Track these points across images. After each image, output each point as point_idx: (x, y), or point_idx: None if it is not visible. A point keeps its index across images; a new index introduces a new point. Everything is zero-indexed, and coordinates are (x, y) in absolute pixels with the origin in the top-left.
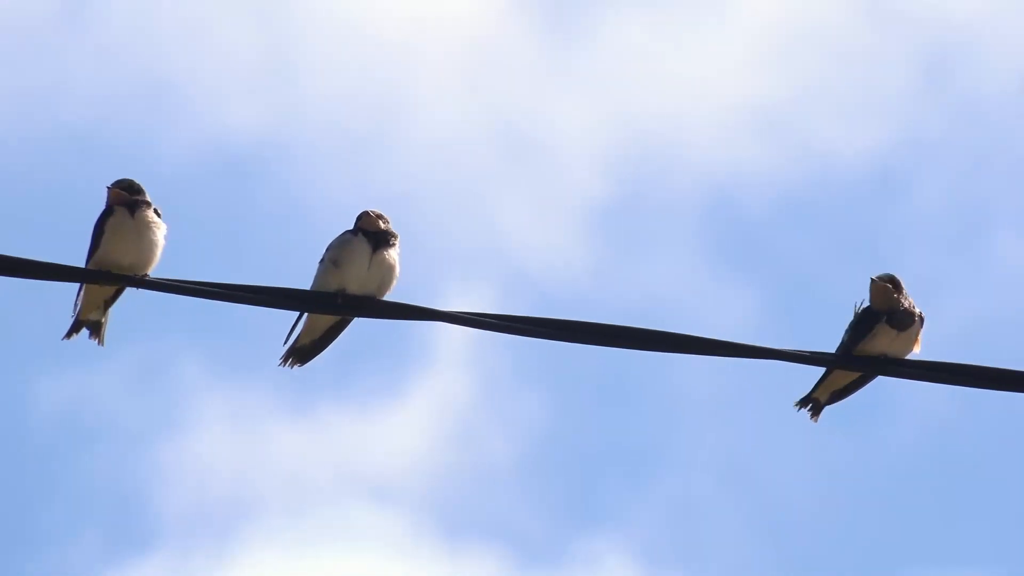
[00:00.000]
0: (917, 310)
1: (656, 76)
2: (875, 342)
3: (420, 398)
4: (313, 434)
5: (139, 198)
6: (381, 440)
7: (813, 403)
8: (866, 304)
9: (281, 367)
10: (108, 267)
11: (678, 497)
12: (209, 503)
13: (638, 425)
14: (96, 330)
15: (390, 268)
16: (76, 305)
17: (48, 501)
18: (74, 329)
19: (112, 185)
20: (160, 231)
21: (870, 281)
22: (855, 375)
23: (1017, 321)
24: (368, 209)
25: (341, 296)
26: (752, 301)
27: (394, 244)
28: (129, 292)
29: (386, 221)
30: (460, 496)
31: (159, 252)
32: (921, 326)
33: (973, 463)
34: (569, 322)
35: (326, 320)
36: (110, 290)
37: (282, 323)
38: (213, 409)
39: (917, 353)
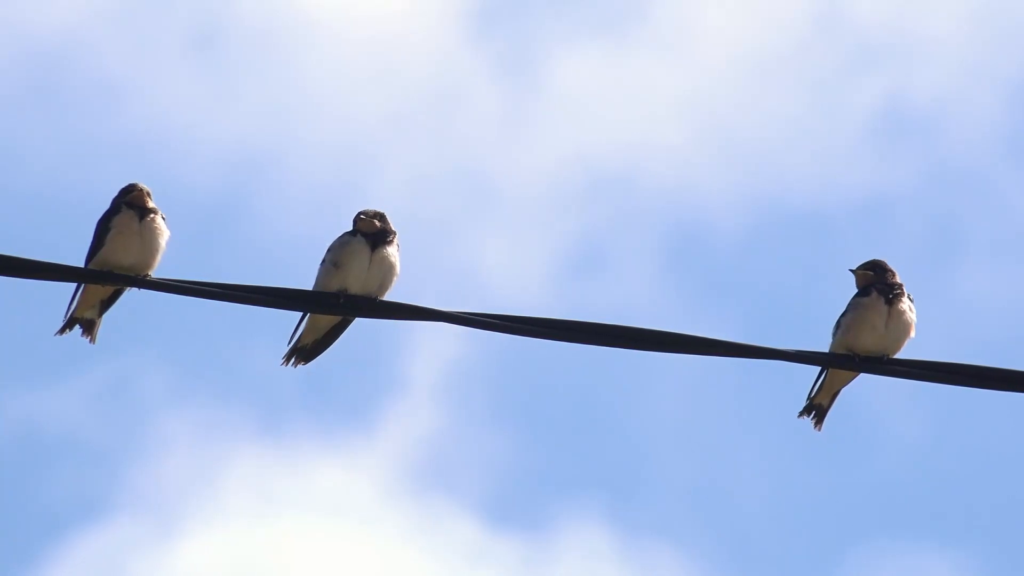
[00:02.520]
0: (904, 289)
1: (616, 110)
2: (867, 312)
3: (389, 429)
4: (279, 457)
5: (151, 205)
6: (348, 467)
7: (816, 409)
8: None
9: (284, 366)
10: (110, 267)
11: (645, 525)
12: (175, 476)
13: (610, 462)
14: (89, 328)
15: (390, 267)
16: (72, 301)
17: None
18: (68, 326)
19: (138, 188)
20: (164, 237)
21: (852, 272)
22: (853, 375)
23: (982, 350)
24: (362, 210)
25: (343, 296)
26: (723, 329)
27: (392, 242)
28: (123, 297)
29: (383, 219)
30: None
31: (160, 256)
32: (912, 304)
33: (952, 486)
34: (569, 322)
35: (328, 320)
36: (109, 290)
37: (255, 340)
38: (179, 429)
39: (912, 338)
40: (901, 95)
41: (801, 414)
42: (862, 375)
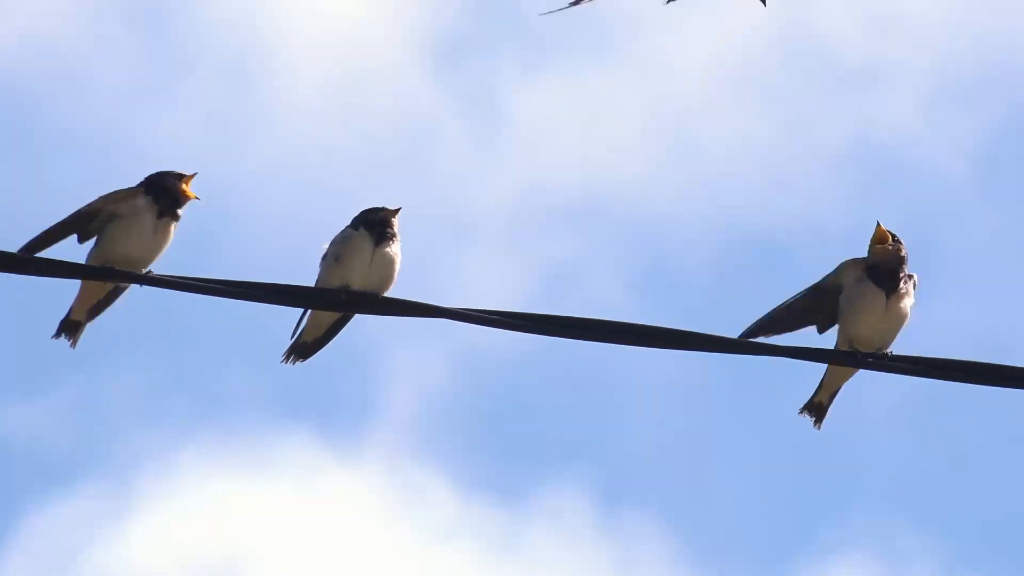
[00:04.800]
0: (909, 278)
1: (583, 138)
2: (863, 293)
3: (364, 456)
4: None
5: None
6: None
7: (816, 408)
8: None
9: (284, 363)
10: (112, 263)
11: (627, 498)
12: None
13: (593, 436)
14: (74, 332)
15: (391, 263)
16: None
17: None
18: (63, 329)
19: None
20: (171, 238)
21: (879, 227)
22: (853, 372)
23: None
24: (383, 206)
25: (345, 292)
26: (693, 364)
27: (396, 241)
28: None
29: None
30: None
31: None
32: (911, 295)
33: (933, 472)
34: (570, 319)
35: (329, 316)
36: (109, 288)
37: (232, 356)
38: (149, 446)
39: (909, 308)
40: (872, 123)
41: (801, 412)
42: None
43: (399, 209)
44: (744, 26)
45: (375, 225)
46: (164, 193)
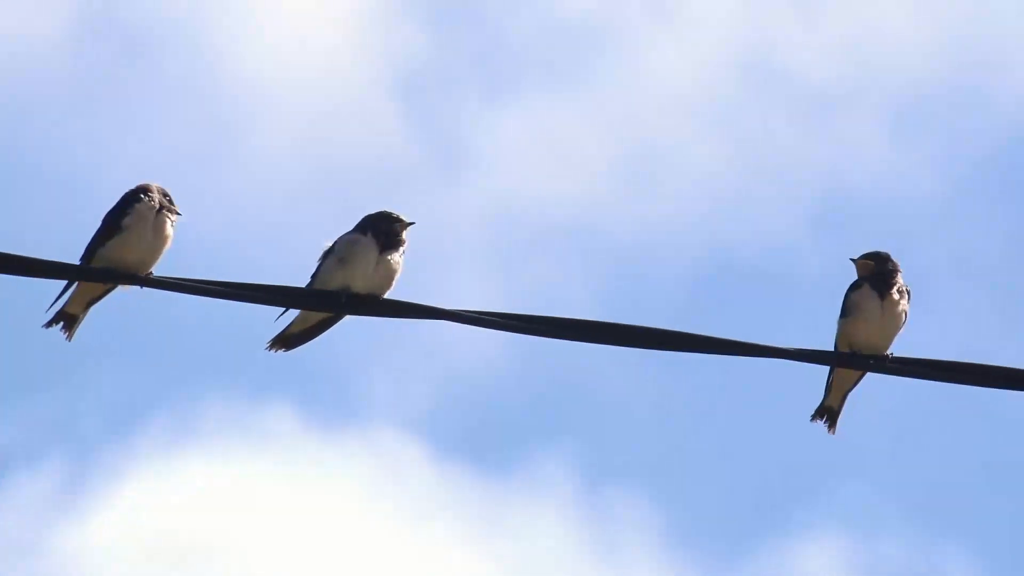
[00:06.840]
0: (903, 285)
1: (556, 163)
2: (859, 297)
3: (345, 435)
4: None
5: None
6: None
7: (828, 412)
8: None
9: (268, 351)
10: (113, 263)
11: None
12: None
13: (579, 412)
14: (70, 324)
15: (394, 271)
16: (63, 295)
17: None
18: (55, 320)
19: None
20: (171, 239)
21: (852, 261)
22: (860, 375)
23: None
24: (396, 214)
25: (345, 295)
26: (672, 373)
27: (401, 249)
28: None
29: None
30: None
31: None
32: (906, 293)
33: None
34: (572, 320)
35: (322, 314)
36: (108, 286)
37: (211, 350)
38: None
39: (904, 311)
40: (839, 148)
41: (814, 418)
42: (869, 374)
43: (412, 223)
44: (710, 54)
45: (383, 232)
46: (156, 196)
